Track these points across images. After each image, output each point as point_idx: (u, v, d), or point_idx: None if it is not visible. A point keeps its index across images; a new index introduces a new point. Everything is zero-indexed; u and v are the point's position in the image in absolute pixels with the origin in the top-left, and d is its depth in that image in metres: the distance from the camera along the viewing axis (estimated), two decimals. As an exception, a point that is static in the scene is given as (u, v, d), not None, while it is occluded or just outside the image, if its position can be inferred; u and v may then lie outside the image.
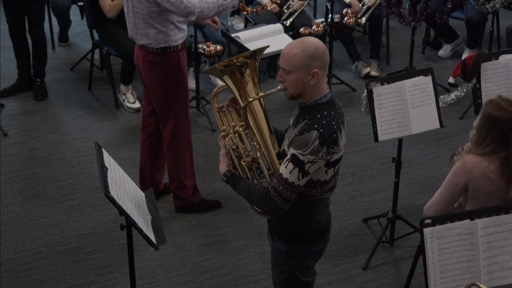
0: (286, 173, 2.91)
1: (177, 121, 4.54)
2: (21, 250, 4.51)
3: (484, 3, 6.15)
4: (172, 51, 4.36)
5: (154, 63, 4.39)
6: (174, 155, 4.64)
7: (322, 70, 2.92)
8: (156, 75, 4.42)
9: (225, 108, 3.15)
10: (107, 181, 3.16)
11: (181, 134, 4.59)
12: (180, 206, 4.81)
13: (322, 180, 2.99)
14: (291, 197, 2.95)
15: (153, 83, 4.46)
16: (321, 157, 2.88)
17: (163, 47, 4.33)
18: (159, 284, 4.25)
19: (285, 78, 2.93)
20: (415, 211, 4.84)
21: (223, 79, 3.03)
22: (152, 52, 4.35)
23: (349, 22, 6.09)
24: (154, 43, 4.32)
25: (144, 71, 4.49)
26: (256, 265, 4.38)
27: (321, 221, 3.12)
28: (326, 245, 3.24)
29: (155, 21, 4.25)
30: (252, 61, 3.01)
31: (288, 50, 2.90)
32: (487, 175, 3.23)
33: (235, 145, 3.12)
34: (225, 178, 3.09)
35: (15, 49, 6.20)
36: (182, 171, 4.68)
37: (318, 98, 2.95)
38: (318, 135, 2.85)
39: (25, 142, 5.65)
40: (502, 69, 4.24)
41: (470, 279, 2.97)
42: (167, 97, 4.46)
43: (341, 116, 2.98)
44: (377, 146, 5.48)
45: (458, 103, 5.11)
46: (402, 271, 4.33)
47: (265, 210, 3.00)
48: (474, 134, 3.33)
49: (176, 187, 4.74)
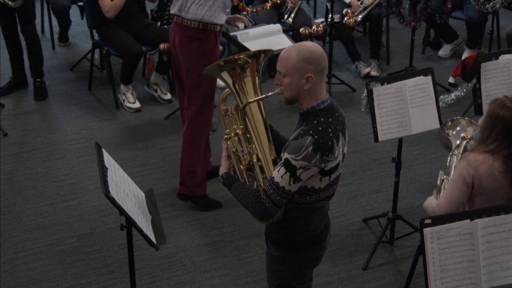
0: (277, 177, 2.87)
1: (202, 102, 4.63)
2: (21, 250, 4.51)
3: (484, 3, 6.15)
4: (212, 30, 4.50)
5: (193, 39, 4.52)
6: (192, 136, 4.71)
7: (317, 75, 2.87)
8: (194, 50, 4.54)
9: (230, 111, 3.15)
10: (107, 181, 3.16)
11: (203, 115, 4.68)
12: (184, 193, 4.82)
13: (316, 187, 2.94)
14: (281, 202, 2.91)
15: (188, 59, 4.58)
16: (314, 164, 2.83)
17: (205, 23, 4.47)
18: (159, 284, 4.25)
19: (281, 81, 2.92)
20: (415, 211, 4.84)
21: (222, 77, 3.02)
22: (193, 27, 4.48)
23: (349, 22, 6.09)
24: (199, 18, 4.46)
25: (180, 46, 4.60)
26: (256, 265, 4.38)
27: (316, 229, 3.08)
28: (323, 253, 3.20)
29: None
30: (254, 61, 2.99)
31: (284, 53, 2.89)
32: (492, 173, 3.24)
33: (235, 148, 3.12)
34: (222, 180, 3.09)
35: (8, 48, 6.21)
36: (196, 156, 4.73)
37: (316, 104, 2.90)
38: (312, 141, 2.81)
39: (25, 142, 5.65)
40: (502, 69, 4.24)
41: (470, 279, 2.97)
42: (199, 74, 4.50)
43: (340, 123, 2.93)
44: (377, 146, 5.48)
45: (458, 103, 5.12)
46: (402, 271, 4.33)
47: (254, 213, 2.97)
48: (478, 132, 3.35)
49: (185, 172, 4.76)
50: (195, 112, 4.66)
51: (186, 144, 4.74)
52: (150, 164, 5.37)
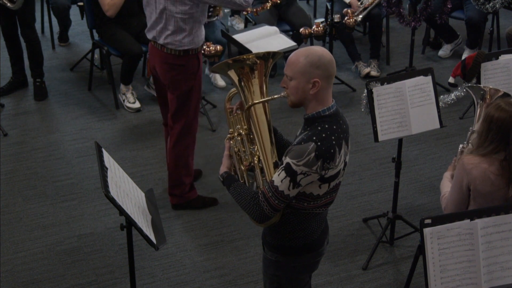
0: (277, 181, 2.85)
1: (187, 122, 4.55)
2: (21, 250, 4.51)
3: (484, 3, 6.15)
4: (194, 53, 4.35)
5: (175, 66, 4.36)
6: (179, 155, 4.65)
7: (324, 80, 2.86)
8: (176, 77, 4.40)
9: (234, 110, 3.13)
10: (107, 181, 3.16)
11: (190, 132, 4.62)
12: (177, 203, 4.82)
13: (315, 194, 2.92)
14: (279, 206, 2.89)
15: (171, 84, 4.44)
16: (314, 171, 2.81)
17: (185, 50, 4.30)
18: (159, 284, 4.25)
19: (288, 84, 2.90)
20: (415, 211, 4.84)
21: (229, 75, 3.00)
22: (173, 54, 4.31)
23: (349, 22, 6.09)
24: (178, 45, 4.28)
25: (161, 73, 4.45)
26: (256, 265, 4.38)
27: (313, 234, 3.06)
28: (319, 258, 3.18)
29: (185, 23, 4.21)
30: (262, 62, 2.98)
31: (293, 57, 2.86)
32: (487, 176, 3.24)
33: (237, 148, 3.11)
34: (222, 179, 3.08)
35: (8, 49, 6.21)
36: (184, 169, 4.70)
37: (321, 110, 2.87)
38: (315, 148, 2.79)
39: (25, 142, 5.65)
40: (502, 69, 4.24)
41: (470, 279, 2.97)
42: (183, 98, 4.46)
43: (344, 132, 2.90)
44: (377, 146, 5.48)
45: (458, 103, 5.11)
46: (402, 271, 4.33)
47: (251, 215, 2.95)
48: (476, 137, 3.35)
49: (173, 186, 4.75)
50: (181, 132, 4.56)
51: (173, 163, 4.68)
52: (150, 164, 5.37)
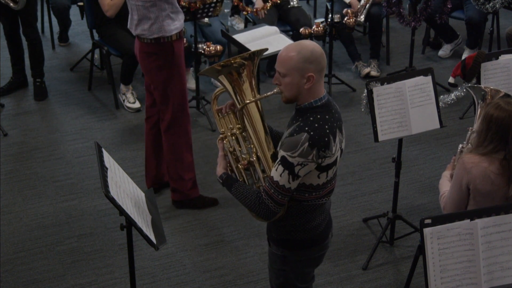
0: (276, 176, 2.88)
1: (174, 111, 4.60)
2: (21, 250, 4.51)
3: (484, 3, 6.15)
4: (166, 41, 4.44)
5: (149, 54, 4.48)
6: (171, 144, 4.68)
7: (317, 73, 2.88)
8: (151, 65, 4.51)
9: (224, 110, 3.14)
10: (107, 181, 3.16)
11: (179, 124, 4.64)
12: (178, 200, 4.81)
13: (314, 184, 2.95)
14: (283, 201, 2.92)
15: (149, 73, 4.58)
16: (311, 160, 2.84)
17: (156, 38, 4.41)
18: (159, 284, 4.25)
19: (281, 81, 2.91)
20: (415, 211, 4.84)
21: (220, 80, 3.02)
22: (146, 42, 4.46)
23: (349, 22, 6.09)
24: (148, 34, 4.41)
25: (140, 62, 4.61)
26: (256, 265, 4.38)
27: (318, 227, 3.08)
28: (325, 252, 3.20)
29: (149, 11, 4.34)
30: (249, 63, 2.99)
31: (283, 53, 2.88)
32: (487, 176, 3.24)
33: (232, 147, 3.11)
34: (221, 181, 3.08)
35: (9, 48, 6.21)
36: (179, 162, 4.70)
37: (313, 101, 2.91)
38: (307, 138, 2.82)
39: (25, 142, 5.65)
40: (502, 69, 4.24)
41: (470, 279, 2.97)
42: (163, 86, 4.53)
43: (337, 120, 2.94)
44: (377, 146, 5.48)
45: (458, 103, 5.12)
46: (402, 271, 4.33)
47: (258, 213, 2.97)
48: (475, 137, 3.35)
49: (172, 179, 4.76)
50: (170, 122, 4.62)
51: (168, 155, 4.73)
52: (150, 164, 5.36)
